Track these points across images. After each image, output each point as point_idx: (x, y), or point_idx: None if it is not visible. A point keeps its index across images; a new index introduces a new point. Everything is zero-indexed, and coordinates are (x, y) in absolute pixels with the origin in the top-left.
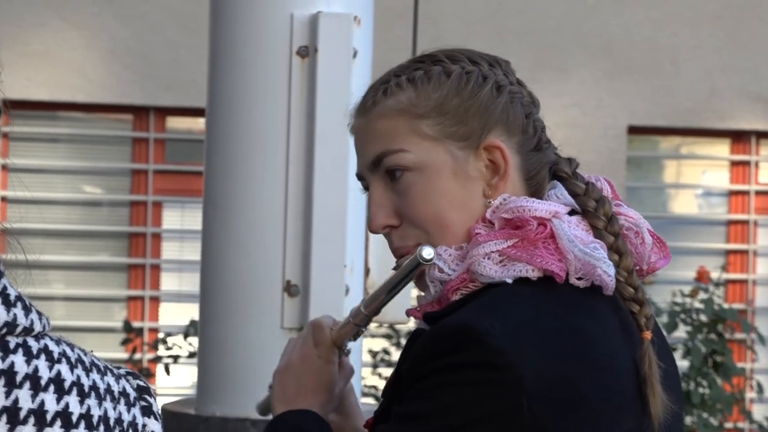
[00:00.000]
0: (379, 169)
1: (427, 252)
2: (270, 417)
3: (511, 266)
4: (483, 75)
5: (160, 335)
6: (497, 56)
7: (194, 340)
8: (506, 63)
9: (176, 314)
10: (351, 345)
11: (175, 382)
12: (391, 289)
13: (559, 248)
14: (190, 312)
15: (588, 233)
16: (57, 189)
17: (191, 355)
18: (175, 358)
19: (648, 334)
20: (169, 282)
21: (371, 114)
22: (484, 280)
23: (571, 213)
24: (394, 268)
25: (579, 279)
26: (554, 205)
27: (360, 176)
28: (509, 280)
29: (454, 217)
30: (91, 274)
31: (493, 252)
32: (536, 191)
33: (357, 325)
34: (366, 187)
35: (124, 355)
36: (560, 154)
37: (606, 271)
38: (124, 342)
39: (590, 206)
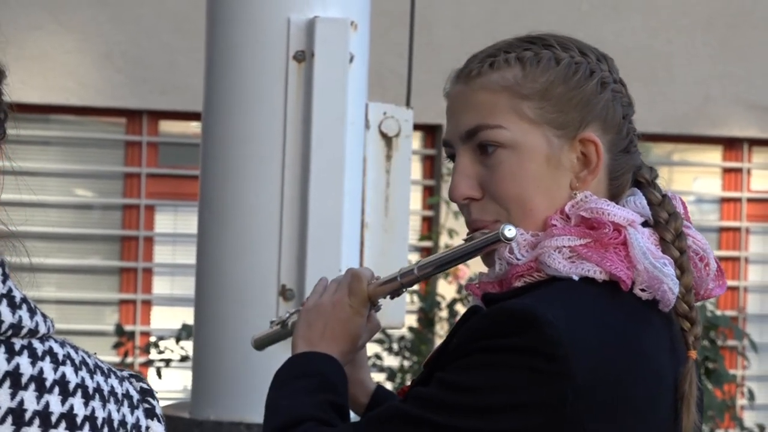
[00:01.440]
0: (472, 141)
1: (510, 231)
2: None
3: (580, 264)
4: (591, 69)
5: (152, 339)
6: (605, 52)
7: (186, 344)
8: (611, 60)
9: (168, 318)
10: (382, 302)
11: (167, 386)
12: (457, 258)
13: (629, 256)
14: (182, 315)
15: (657, 248)
16: (49, 192)
17: (183, 358)
18: (167, 361)
19: (694, 354)
20: (161, 285)
21: (474, 84)
22: (549, 272)
23: (644, 224)
24: (466, 239)
25: (643, 291)
26: (632, 213)
27: (447, 143)
28: (575, 277)
29: (538, 202)
30: (83, 278)
31: (564, 247)
32: (617, 193)
33: (402, 284)
34: (451, 156)
35: (116, 359)
36: (643, 159)
37: (671, 288)
38: (116, 345)
39: (663, 217)
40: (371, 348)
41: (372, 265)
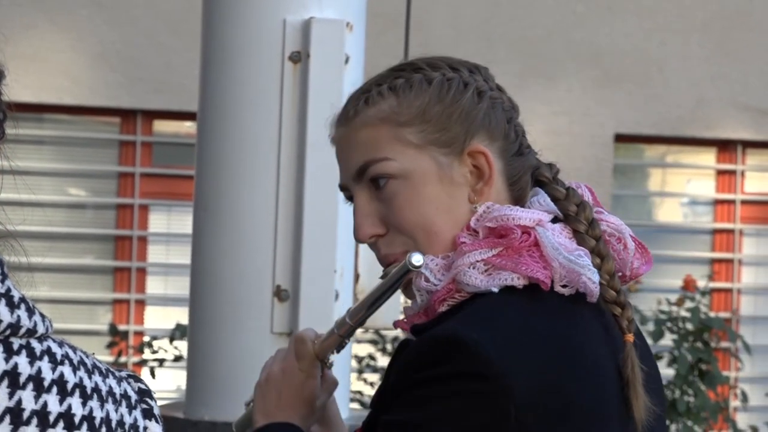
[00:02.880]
0: (363, 179)
1: (416, 258)
2: None
3: (497, 275)
4: (464, 81)
5: (146, 338)
6: (476, 63)
7: (180, 344)
8: (485, 69)
9: (162, 318)
10: (333, 357)
11: (161, 386)
12: (378, 297)
13: (543, 256)
14: (176, 315)
15: (571, 240)
16: (43, 191)
17: (177, 358)
18: (161, 361)
19: (630, 337)
20: (154, 285)
21: (353, 124)
22: (470, 290)
23: (554, 220)
24: (382, 277)
25: (564, 287)
26: (537, 213)
27: (343, 187)
28: (495, 289)
29: (441, 223)
30: (77, 277)
31: (478, 261)
32: (519, 197)
33: (341, 336)
34: (349, 198)
35: (110, 359)
36: (541, 159)
37: (590, 278)
38: (110, 345)
39: (571, 210)
40: (365, 349)
41: (366, 266)
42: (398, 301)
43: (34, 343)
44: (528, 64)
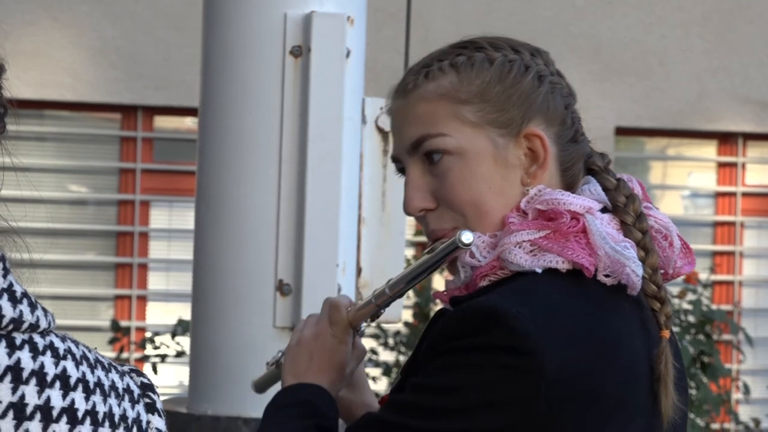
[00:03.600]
0: (417, 152)
1: (467, 237)
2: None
3: (542, 256)
4: (525, 64)
5: (148, 334)
6: (538, 46)
7: (182, 340)
8: (546, 53)
9: (163, 313)
10: (365, 326)
11: (163, 382)
12: (423, 271)
13: (590, 243)
14: (178, 311)
15: (618, 232)
16: (44, 188)
17: (179, 354)
18: (163, 357)
19: (667, 333)
20: (156, 281)
21: (411, 97)
22: (513, 268)
23: (603, 210)
24: (427, 252)
25: (607, 276)
26: (588, 200)
27: (395, 158)
28: (538, 270)
29: (492, 203)
30: (79, 273)
31: (524, 241)
32: (571, 183)
33: (378, 306)
34: (401, 170)
35: (112, 354)
36: (594, 148)
37: (634, 271)
38: (112, 341)
39: (620, 201)
40: (368, 343)
41: (369, 260)
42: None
43: (37, 338)
44: None
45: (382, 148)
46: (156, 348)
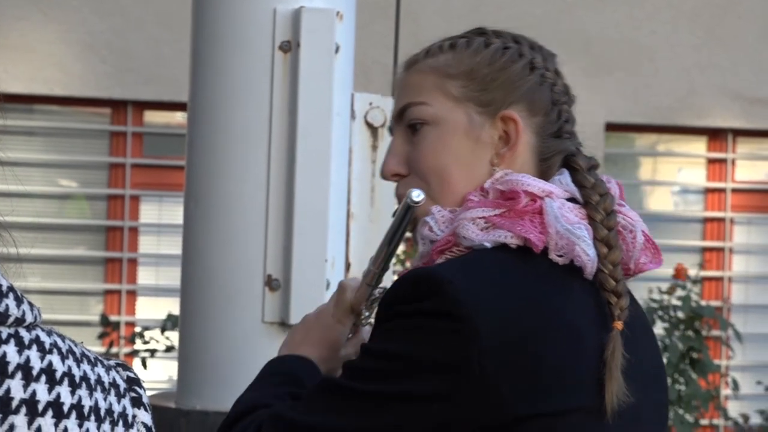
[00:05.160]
0: (403, 120)
1: (416, 194)
2: None
3: (493, 232)
4: (520, 53)
5: (137, 329)
6: (545, 47)
7: (171, 335)
8: (551, 54)
9: (153, 308)
10: (369, 315)
11: (152, 376)
12: (390, 237)
13: (543, 223)
14: (167, 306)
15: (581, 220)
16: (34, 182)
17: (168, 349)
18: (152, 352)
19: (619, 324)
20: (146, 276)
21: (410, 70)
22: (465, 243)
23: (572, 201)
24: (393, 216)
25: (559, 256)
26: (551, 186)
27: (391, 130)
28: (488, 244)
29: (456, 176)
30: (68, 268)
31: (479, 218)
32: (545, 173)
33: (369, 285)
34: None
35: (101, 349)
36: (582, 150)
37: (584, 250)
38: (101, 336)
39: (593, 199)
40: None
41: (357, 256)
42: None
43: (23, 332)
44: None
45: (371, 144)
46: (145, 343)
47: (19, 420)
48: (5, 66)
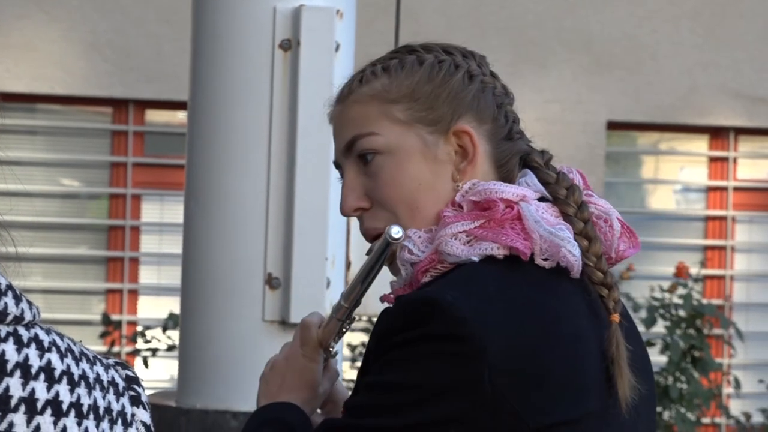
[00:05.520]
0: (351, 154)
1: (395, 231)
2: None
3: (478, 245)
4: (455, 64)
5: (139, 328)
6: (474, 50)
7: (173, 334)
8: (481, 57)
9: (155, 307)
10: (336, 347)
11: (154, 376)
12: (366, 274)
13: (525, 229)
14: (169, 305)
15: (557, 218)
16: (36, 181)
17: (170, 348)
18: (154, 351)
19: (616, 317)
20: (147, 275)
21: (347, 101)
22: (451, 260)
23: (542, 200)
24: (367, 253)
25: (545, 260)
26: (522, 189)
27: (336, 164)
28: (475, 258)
29: (423, 200)
30: (70, 267)
31: (460, 232)
32: (506, 178)
33: (339, 320)
34: (342, 174)
35: (103, 348)
36: (534, 146)
37: (570, 251)
38: (103, 335)
39: (561, 194)
40: (358, 337)
41: (358, 254)
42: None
43: (21, 331)
44: (519, 51)
45: None
46: (147, 342)
47: (18, 418)
48: (7, 65)
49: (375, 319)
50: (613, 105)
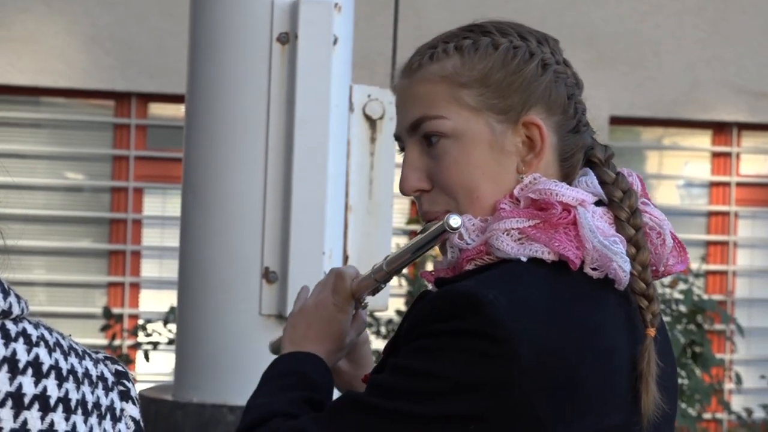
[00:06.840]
0: (416, 133)
1: (455, 221)
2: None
3: (528, 245)
4: (530, 51)
5: (140, 321)
6: (547, 34)
7: (174, 327)
8: (555, 41)
9: (156, 301)
10: (369, 299)
11: (155, 369)
12: (415, 251)
13: (579, 236)
14: (170, 298)
15: (611, 226)
16: (38, 174)
17: (171, 341)
18: (155, 344)
19: (652, 331)
20: (149, 268)
21: (415, 77)
22: (499, 255)
23: (598, 203)
24: (421, 231)
25: (594, 270)
26: (582, 193)
27: (397, 137)
28: (523, 258)
29: (485, 188)
30: (72, 260)
31: (513, 229)
32: (569, 174)
33: (377, 281)
34: (402, 149)
35: (104, 341)
36: (597, 139)
37: (621, 266)
38: (104, 328)
39: (616, 196)
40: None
41: (355, 248)
42: (389, 284)
43: (9, 325)
44: None
45: (370, 136)
46: (148, 335)
47: (5, 413)
48: (9, 58)
49: (376, 315)
50: (616, 100)
